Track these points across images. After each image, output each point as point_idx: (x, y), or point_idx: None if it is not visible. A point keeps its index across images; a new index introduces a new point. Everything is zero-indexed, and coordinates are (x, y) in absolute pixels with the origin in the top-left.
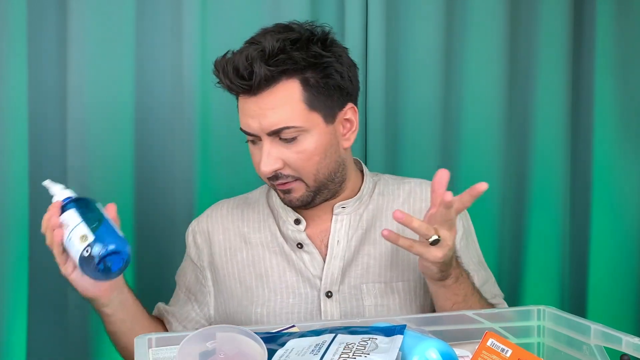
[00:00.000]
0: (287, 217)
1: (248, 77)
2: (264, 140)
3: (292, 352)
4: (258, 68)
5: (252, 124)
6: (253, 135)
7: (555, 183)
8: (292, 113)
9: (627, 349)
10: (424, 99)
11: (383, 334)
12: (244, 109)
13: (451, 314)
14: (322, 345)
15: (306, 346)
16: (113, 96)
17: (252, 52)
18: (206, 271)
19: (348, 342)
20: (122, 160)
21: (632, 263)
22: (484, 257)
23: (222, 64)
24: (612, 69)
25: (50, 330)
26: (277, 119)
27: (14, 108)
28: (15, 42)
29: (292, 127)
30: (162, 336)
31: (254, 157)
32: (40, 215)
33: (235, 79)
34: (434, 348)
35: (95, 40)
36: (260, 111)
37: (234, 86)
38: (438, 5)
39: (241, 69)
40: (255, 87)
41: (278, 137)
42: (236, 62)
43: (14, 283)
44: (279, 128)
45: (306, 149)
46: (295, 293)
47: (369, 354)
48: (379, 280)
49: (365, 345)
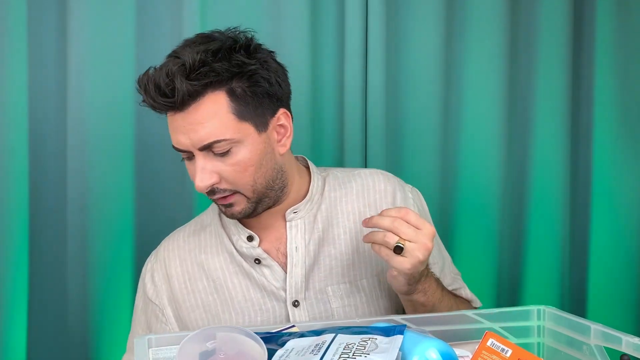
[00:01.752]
0: (240, 235)
1: (170, 94)
2: (197, 156)
3: (292, 352)
4: (180, 84)
5: (182, 140)
6: (185, 151)
7: (555, 183)
8: (221, 126)
9: (627, 349)
10: (424, 99)
11: (383, 334)
12: (173, 126)
13: (451, 314)
14: (322, 345)
15: (306, 346)
16: (113, 96)
17: (172, 67)
18: (167, 309)
19: (348, 343)
20: (122, 160)
21: (632, 263)
22: (492, 263)
23: (144, 81)
24: (612, 68)
25: (50, 330)
26: (207, 134)
27: (14, 108)
28: (15, 42)
29: (223, 140)
30: (162, 336)
31: (190, 173)
32: (41, 215)
33: (158, 97)
34: (434, 348)
35: (95, 40)
36: (189, 127)
37: (157, 104)
38: (438, 6)
39: (162, 85)
40: (179, 104)
41: (211, 152)
42: (157, 79)
43: (14, 283)
44: (209, 142)
45: (240, 160)
46: (262, 309)
47: (368, 354)
48: (343, 281)
49: (365, 346)
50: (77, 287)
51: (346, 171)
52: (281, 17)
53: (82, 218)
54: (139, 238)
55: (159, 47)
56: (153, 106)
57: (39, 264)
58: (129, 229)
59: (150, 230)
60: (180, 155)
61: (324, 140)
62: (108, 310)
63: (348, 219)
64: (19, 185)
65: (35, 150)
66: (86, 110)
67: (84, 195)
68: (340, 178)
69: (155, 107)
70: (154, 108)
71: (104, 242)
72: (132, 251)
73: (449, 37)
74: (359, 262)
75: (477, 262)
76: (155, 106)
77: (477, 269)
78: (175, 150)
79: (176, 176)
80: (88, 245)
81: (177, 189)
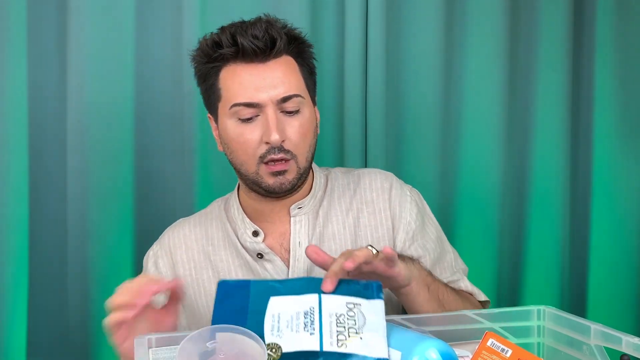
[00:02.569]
0: (246, 230)
1: (264, 44)
2: (269, 111)
3: (282, 323)
4: (277, 35)
5: (259, 93)
6: (256, 107)
7: (555, 183)
8: (297, 83)
9: (627, 349)
10: (424, 99)
11: (364, 297)
12: (248, 80)
13: (451, 314)
14: (311, 314)
15: (294, 314)
16: (113, 96)
17: (264, 23)
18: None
19: (337, 314)
20: (122, 160)
21: (632, 263)
22: (492, 263)
23: (235, 28)
24: (612, 69)
25: (50, 330)
26: (287, 87)
27: (14, 108)
28: (15, 42)
29: (299, 95)
30: (162, 336)
31: (248, 136)
32: (40, 215)
33: (255, 41)
34: (434, 348)
35: (95, 40)
36: (270, 80)
37: (250, 48)
38: (438, 6)
39: (259, 34)
40: (269, 54)
41: (282, 109)
42: (251, 28)
43: (14, 283)
44: (288, 95)
45: (304, 122)
46: None
47: (362, 332)
48: None
49: (354, 319)
50: (77, 287)
51: (346, 171)
52: (281, 17)
53: (82, 218)
54: (139, 238)
55: (159, 47)
56: (236, 52)
57: (39, 264)
58: (129, 229)
59: (150, 230)
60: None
61: (324, 141)
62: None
63: (347, 216)
64: (19, 185)
65: (35, 150)
66: (86, 110)
67: (84, 195)
68: (340, 177)
69: (236, 54)
70: (232, 56)
71: (104, 242)
72: (132, 251)
73: (449, 37)
74: None
75: (477, 262)
76: (246, 51)
77: (477, 269)
78: (235, 109)
79: (176, 176)
80: (88, 245)
81: (177, 189)
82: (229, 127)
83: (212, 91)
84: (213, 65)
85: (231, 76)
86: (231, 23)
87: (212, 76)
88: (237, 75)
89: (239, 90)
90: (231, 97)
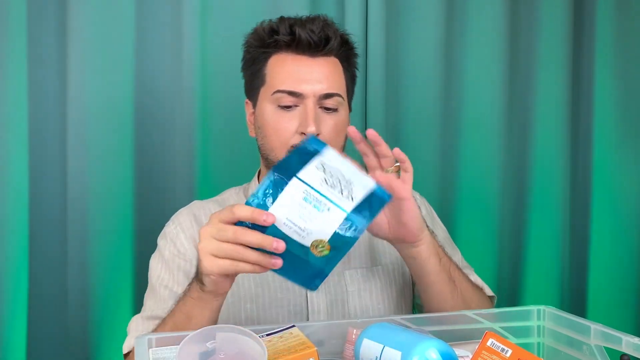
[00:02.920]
0: None
1: (319, 40)
2: (309, 103)
3: (298, 221)
4: (333, 34)
5: (303, 84)
6: (298, 97)
7: (555, 183)
8: (341, 83)
9: (627, 349)
10: (424, 99)
11: (315, 155)
12: (296, 70)
13: (451, 314)
14: (308, 194)
15: (296, 206)
16: (113, 96)
17: (323, 21)
18: (195, 268)
19: (322, 179)
20: (122, 160)
21: (632, 263)
22: (492, 263)
23: (294, 20)
24: (612, 69)
25: (50, 330)
26: (331, 84)
27: (14, 108)
28: (15, 42)
29: (340, 95)
30: (162, 336)
31: (285, 124)
32: (41, 215)
33: (312, 34)
34: (434, 348)
35: (95, 40)
36: (316, 74)
37: (307, 40)
38: (438, 6)
39: (315, 28)
40: (320, 50)
41: (321, 105)
42: (310, 22)
43: (14, 283)
44: (330, 92)
45: (340, 121)
46: (282, 287)
47: (349, 176)
48: (360, 266)
49: (334, 173)
50: (77, 287)
51: None
52: (281, 15)
53: (82, 218)
54: (139, 238)
55: (159, 47)
56: (292, 41)
57: (39, 264)
58: (129, 229)
59: (151, 230)
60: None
61: None
62: (108, 310)
63: None
64: (19, 186)
65: (35, 150)
66: (86, 111)
67: (84, 195)
68: None
69: (291, 44)
70: (286, 45)
71: (104, 242)
72: (132, 251)
73: (449, 38)
74: (375, 249)
75: (477, 262)
76: (302, 41)
77: (477, 269)
78: (277, 95)
79: (176, 176)
80: (88, 245)
81: (177, 189)
82: (268, 112)
83: (257, 76)
84: (264, 51)
85: (280, 64)
86: (285, 17)
87: (260, 61)
88: (285, 63)
89: (285, 78)
90: (276, 83)
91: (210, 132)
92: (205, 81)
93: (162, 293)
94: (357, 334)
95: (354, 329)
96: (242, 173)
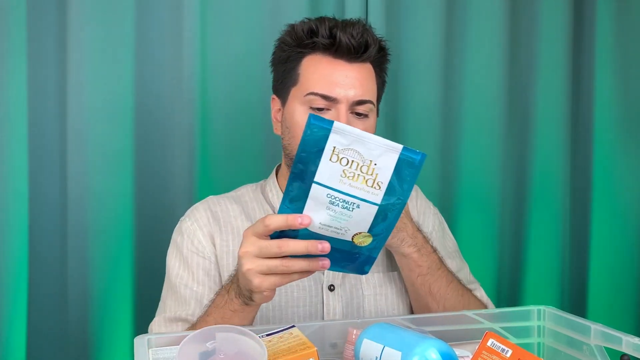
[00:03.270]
0: None
1: (359, 45)
2: (342, 108)
3: (332, 223)
4: (372, 41)
5: (337, 88)
6: (331, 101)
7: (555, 183)
8: (373, 90)
9: (627, 349)
10: (424, 99)
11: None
12: (331, 74)
13: (451, 314)
14: (332, 198)
15: (323, 212)
16: (113, 96)
17: (362, 26)
18: (213, 257)
19: (339, 173)
20: (122, 160)
21: (632, 263)
22: (492, 263)
23: (334, 22)
24: (612, 69)
25: (50, 330)
26: (365, 91)
27: (14, 108)
28: (15, 42)
29: (372, 102)
30: (162, 336)
31: None
32: (41, 215)
33: (351, 39)
34: (434, 348)
35: (95, 40)
36: (351, 80)
37: (346, 45)
38: (438, 5)
39: (355, 33)
40: (358, 56)
41: (352, 111)
42: (351, 27)
43: (14, 283)
44: (362, 99)
45: (369, 127)
46: (299, 287)
47: (371, 158)
48: (377, 270)
49: (354, 158)
50: (77, 287)
51: None
52: (281, 17)
53: (82, 218)
54: (139, 238)
55: (159, 47)
56: (331, 44)
57: (39, 264)
58: (129, 229)
59: (150, 230)
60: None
61: None
62: (108, 310)
63: None
64: (19, 186)
65: (35, 150)
66: (86, 111)
67: (84, 195)
68: None
69: (330, 47)
70: (324, 47)
71: (104, 242)
72: (132, 251)
73: (449, 38)
74: (391, 255)
75: (477, 263)
76: (341, 45)
77: (477, 269)
78: (310, 97)
79: (176, 176)
80: (88, 245)
81: (177, 189)
82: (298, 112)
83: (289, 74)
84: (300, 51)
85: (315, 65)
86: (324, 17)
87: (294, 60)
88: (321, 66)
89: (320, 80)
90: (310, 85)
91: (210, 132)
92: (205, 81)
93: (182, 293)
94: (357, 334)
95: (354, 329)
96: (242, 173)
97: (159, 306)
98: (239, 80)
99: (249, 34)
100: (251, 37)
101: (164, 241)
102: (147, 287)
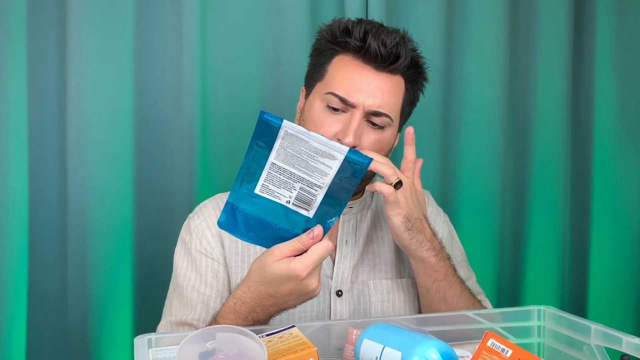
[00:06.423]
0: None
1: (388, 55)
2: (356, 114)
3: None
4: (404, 54)
5: (357, 94)
6: (348, 104)
7: (555, 183)
8: (396, 105)
9: (627, 349)
10: (424, 99)
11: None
12: (354, 78)
13: (451, 314)
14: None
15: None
16: (113, 96)
17: (401, 37)
18: (222, 267)
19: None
20: (122, 160)
21: (632, 263)
22: (492, 263)
23: (371, 26)
24: (612, 69)
25: (50, 330)
26: (384, 103)
27: (14, 108)
28: (15, 42)
29: (390, 117)
30: (162, 336)
31: (327, 126)
32: (41, 215)
33: (383, 48)
34: (434, 348)
35: (95, 41)
36: (373, 89)
37: (374, 52)
38: (438, 6)
39: (389, 42)
40: (387, 66)
41: (368, 120)
42: (386, 34)
43: (14, 283)
44: (380, 111)
45: (383, 139)
46: None
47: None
48: (385, 277)
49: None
50: (77, 287)
51: None
52: (281, 17)
53: (82, 218)
54: (139, 238)
55: (159, 47)
56: (360, 48)
57: (39, 264)
58: (129, 229)
59: (150, 231)
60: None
61: None
62: (108, 310)
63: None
64: (19, 186)
65: (35, 150)
66: (86, 110)
67: (84, 195)
68: None
69: (360, 51)
70: (355, 50)
71: (104, 242)
72: (132, 251)
73: (449, 38)
74: (402, 262)
75: (477, 263)
76: (372, 52)
77: (478, 270)
78: (329, 96)
79: (176, 176)
80: (88, 245)
81: (176, 189)
82: (316, 108)
83: (319, 68)
84: (333, 47)
85: (343, 66)
86: (371, 20)
87: (327, 55)
88: (348, 68)
89: (342, 82)
90: (332, 84)
91: (210, 132)
92: (205, 81)
93: (189, 295)
94: (357, 334)
95: (354, 329)
96: None
97: (165, 305)
98: (239, 81)
99: (249, 34)
100: (251, 37)
101: (164, 241)
102: (147, 287)
